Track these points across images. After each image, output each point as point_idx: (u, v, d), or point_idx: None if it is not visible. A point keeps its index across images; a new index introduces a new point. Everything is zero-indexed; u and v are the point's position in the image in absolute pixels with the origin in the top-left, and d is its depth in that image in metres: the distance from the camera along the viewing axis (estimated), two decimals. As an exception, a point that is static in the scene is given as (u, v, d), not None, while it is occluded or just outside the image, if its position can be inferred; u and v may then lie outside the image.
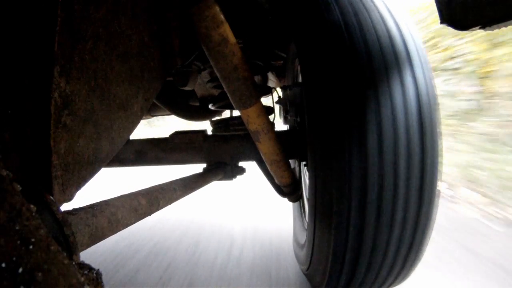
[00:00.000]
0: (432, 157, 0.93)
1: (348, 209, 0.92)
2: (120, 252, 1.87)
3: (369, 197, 0.91)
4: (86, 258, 0.61)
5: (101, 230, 0.62)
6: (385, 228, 0.94)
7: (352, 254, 0.98)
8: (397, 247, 0.99)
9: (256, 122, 1.14)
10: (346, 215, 0.93)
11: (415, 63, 0.95)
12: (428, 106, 0.93)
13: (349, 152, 0.89)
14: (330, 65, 0.94)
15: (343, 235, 0.95)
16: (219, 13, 0.95)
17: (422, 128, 0.91)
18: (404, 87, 0.91)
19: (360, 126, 0.89)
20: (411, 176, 0.91)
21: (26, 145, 0.52)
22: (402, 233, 0.97)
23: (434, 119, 0.93)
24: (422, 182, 0.92)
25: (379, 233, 0.95)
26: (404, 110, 0.91)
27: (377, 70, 0.91)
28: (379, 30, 0.96)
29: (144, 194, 0.87)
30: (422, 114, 0.92)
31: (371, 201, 0.91)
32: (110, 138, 0.70)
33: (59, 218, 0.47)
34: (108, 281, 1.57)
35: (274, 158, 1.26)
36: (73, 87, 0.57)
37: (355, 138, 0.89)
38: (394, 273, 1.09)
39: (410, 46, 0.96)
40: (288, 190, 1.48)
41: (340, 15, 0.97)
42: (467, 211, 2.56)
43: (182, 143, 1.50)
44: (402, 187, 0.91)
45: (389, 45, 0.94)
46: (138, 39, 0.79)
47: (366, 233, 0.94)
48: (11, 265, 0.26)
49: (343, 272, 1.03)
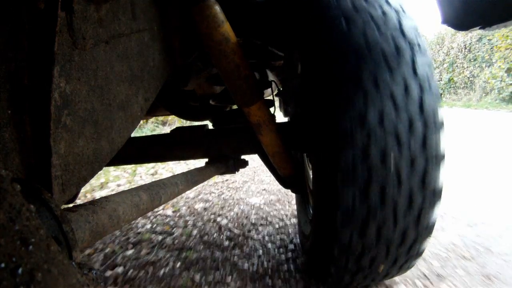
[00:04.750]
0: (435, 149, 0.93)
1: (353, 199, 0.92)
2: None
3: (373, 187, 0.91)
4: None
5: (102, 226, 0.62)
6: (390, 219, 0.95)
7: (356, 245, 0.98)
8: (401, 237, 1.00)
9: (257, 114, 1.15)
10: (350, 205, 0.93)
11: (416, 53, 0.95)
12: (429, 95, 0.93)
13: (352, 142, 0.89)
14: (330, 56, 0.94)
15: (348, 226, 0.95)
16: (220, 13, 0.95)
17: (424, 116, 0.91)
18: (404, 76, 0.92)
19: (361, 117, 0.89)
20: (415, 166, 0.91)
21: (26, 145, 0.52)
22: (406, 224, 0.97)
23: (436, 110, 0.93)
24: (425, 173, 0.92)
25: (384, 223, 0.95)
26: (405, 99, 0.91)
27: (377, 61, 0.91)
28: (379, 20, 0.96)
29: (145, 189, 0.87)
30: (423, 104, 0.92)
31: (375, 191, 0.91)
32: (110, 138, 0.70)
33: (57, 214, 0.47)
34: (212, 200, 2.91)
35: (276, 150, 1.27)
36: (73, 87, 0.57)
37: (357, 128, 0.89)
38: (398, 264, 1.10)
39: (410, 38, 0.96)
40: (291, 181, 1.50)
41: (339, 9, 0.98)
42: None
43: (183, 139, 1.50)
44: (405, 178, 0.91)
45: (389, 36, 0.94)
46: (138, 39, 0.79)
47: (371, 224, 0.94)
48: (11, 265, 0.26)
49: (348, 263, 1.04)
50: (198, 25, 0.95)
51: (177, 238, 2.03)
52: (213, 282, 1.48)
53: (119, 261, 1.75)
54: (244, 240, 1.93)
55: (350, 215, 0.94)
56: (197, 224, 2.26)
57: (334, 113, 0.91)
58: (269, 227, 2.12)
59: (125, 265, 1.70)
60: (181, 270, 1.61)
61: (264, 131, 1.20)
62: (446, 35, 14.68)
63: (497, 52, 10.57)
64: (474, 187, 2.70)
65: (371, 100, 0.89)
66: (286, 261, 1.62)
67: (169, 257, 1.76)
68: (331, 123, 0.92)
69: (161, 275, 1.56)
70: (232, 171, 1.72)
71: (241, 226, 2.17)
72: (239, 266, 1.60)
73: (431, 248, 1.67)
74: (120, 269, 1.65)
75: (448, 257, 1.58)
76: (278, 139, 1.24)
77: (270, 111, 1.19)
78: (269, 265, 1.60)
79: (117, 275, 1.60)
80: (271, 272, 1.52)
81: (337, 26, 0.94)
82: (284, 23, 1.35)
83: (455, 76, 13.33)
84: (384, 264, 1.06)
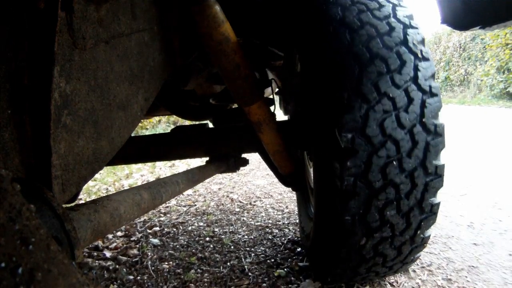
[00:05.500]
0: (435, 148, 0.93)
1: (354, 198, 0.92)
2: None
3: (375, 186, 0.91)
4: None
5: (104, 225, 0.63)
6: (393, 220, 0.95)
7: (358, 244, 0.98)
8: (403, 239, 1.00)
9: (258, 113, 1.15)
10: (352, 204, 0.93)
11: (416, 51, 0.95)
12: (429, 96, 0.92)
13: (352, 141, 0.89)
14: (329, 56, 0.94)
15: (350, 225, 0.95)
16: (220, 12, 0.95)
17: (423, 113, 0.91)
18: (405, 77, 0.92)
19: (363, 116, 0.89)
20: (415, 163, 0.91)
21: (26, 145, 0.52)
22: (408, 224, 0.97)
23: (437, 111, 0.93)
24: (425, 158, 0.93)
25: (386, 224, 0.95)
26: (406, 99, 0.91)
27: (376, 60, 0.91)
28: (379, 20, 0.97)
29: (146, 188, 0.87)
30: (424, 102, 0.92)
31: (377, 190, 0.91)
32: (110, 138, 0.70)
33: (59, 213, 0.47)
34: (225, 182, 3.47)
35: (276, 148, 1.28)
36: (73, 87, 0.57)
37: (358, 127, 0.89)
38: (399, 264, 1.10)
39: (410, 36, 0.96)
40: (291, 179, 1.50)
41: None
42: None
43: (183, 138, 1.50)
44: (406, 180, 0.92)
45: (389, 35, 0.95)
46: (138, 39, 0.79)
47: (373, 223, 0.94)
48: (11, 264, 0.26)
49: (350, 263, 1.04)
50: (198, 25, 0.95)
51: (199, 208, 2.64)
52: (228, 232, 2.07)
53: (155, 223, 2.30)
54: (251, 207, 2.56)
55: (352, 212, 0.94)
56: (214, 199, 2.89)
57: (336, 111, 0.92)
58: (270, 199, 2.75)
59: (161, 225, 2.27)
60: (204, 226, 2.21)
61: (265, 129, 1.20)
62: (443, 34, 14.74)
63: (489, 51, 10.63)
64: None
65: (372, 108, 0.89)
66: (282, 219, 2.24)
67: (194, 220, 2.36)
68: (332, 121, 0.92)
69: (189, 230, 2.15)
70: (233, 169, 1.72)
71: (248, 199, 2.82)
72: (247, 222, 2.22)
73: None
74: (157, 228, 2.20)
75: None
76: (279, 137, 1.24)
77: (270, 109, 1.20)
78: (269, 221, 2.20)
79: (156, 232, 2.14)
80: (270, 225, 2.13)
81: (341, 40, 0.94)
82: (284, 23, 1.35)
83: (451, 74, 13.41)
84: (385, 263, 1.07)
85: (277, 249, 1.74)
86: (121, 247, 1.90)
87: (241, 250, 1.76)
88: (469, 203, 2.26)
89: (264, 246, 1.79)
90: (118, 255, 1.76)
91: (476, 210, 2.13)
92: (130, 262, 1.69)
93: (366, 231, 0.96)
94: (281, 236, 1.93)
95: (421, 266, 1.48)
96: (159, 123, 8.40)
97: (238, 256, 1.68)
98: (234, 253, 1.74)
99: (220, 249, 1.79)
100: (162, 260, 1.69)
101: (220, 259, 1.67)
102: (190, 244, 1.90)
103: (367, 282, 1.34)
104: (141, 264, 1.66)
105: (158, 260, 1.68)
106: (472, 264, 1.48)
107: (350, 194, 0.92)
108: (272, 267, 1.55)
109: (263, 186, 3.18)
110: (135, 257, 1.74)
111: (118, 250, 1.87)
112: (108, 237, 2.08)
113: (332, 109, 0.92)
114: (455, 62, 13.38)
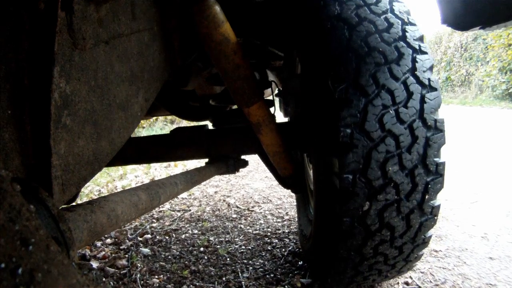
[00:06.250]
0: (436, 144, 0.92)
1: (354, 199, 0.92)
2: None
3: (374, 186, 0.91)
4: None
5: (100, 226, 0.62)
6: (393, 221, 0.94)
7: (358, 246, 0.98)
8: (403, 240, 1.00)
9: (257, 114, 1.15)
10: (351, 205, 0.92)
11: (415, 50, 0.95)
12: (429, 91, 0.92)
13: (351, 141, 0.89)
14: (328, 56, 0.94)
15: (350, 226, 0.95)
16: (220, 13, 0.95)
17: (423, 108, 0.91)
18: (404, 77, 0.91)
19: (362, 111, 0.89)
20: (415, 162, 0.91)
21: (26, 145, 0.52)
22: (408, 224, 0.96)
23: (436, 106, 0.93)
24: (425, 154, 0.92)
25: (387, 226, 0.95)
26: (405, 93, 0.90)
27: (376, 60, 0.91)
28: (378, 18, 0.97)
29: (144, 189, 0.87)
30: (423, 97, 0.91)
31: (377, 191, 0.91)
32: (110, 138, 0.70)
33: (54, 213, 0.46)
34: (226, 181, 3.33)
35: (276, 149, 1.27)
36: (73, 87, 0.57)
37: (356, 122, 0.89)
38: (398, 266, 1.10)
39: (409, 35, 0.96)
40: (291, 181, 1.50)
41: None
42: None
43: (183, 139, 1.50)
44: (406, 180, 0.91)
45: (388, 33, 0.95)
46: (138, 39, 0.79)
47: (372, 224, 0.94)
48: (11, 265, 0.26)
49: (349, 265, 1.04)
50: (198, 25, 0.95)
51: (194, 213, 2.48)
52: (224, 241, 1.93)
53: (147, 230, 2.17)
54: (249, 213, 2.40)
55: (352, 215, 0.93)
56: (209, 203, 2.73)
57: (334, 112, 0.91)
58: (269, 204, 2.57)
59: (153, 233, 2.13)
60: (199, 234, 2.06)
61: (264, 131, 1.20)
62: (444, 34, 14.74)
63: (491, 51, 10.63)
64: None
65: (370, 103, 0.89)
66: (281, 227, 2.09)
67: (188, 226, 2.20)
68: (331, 122, 0.92)
69: (182, 238, 2.01)
70: (232, 171, 1.72)
71: (246, 204, 2.64)
72: (245, 230, 2.07)
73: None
74: (148, 236, 2.06)
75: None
76: (278, 139, 1.24)
77: (270, 111, 1.19)
78: (268, 230, 2.06)
79: (147, 239, 2.01)
80: (270, 234, 1.99)
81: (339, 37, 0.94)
82: (284, 23, 1.35)
83: (452, 74, 13.40)
84: (386, 264, 1.06)
85: (277, 262, 1.62)
86: (109, 256, 1.80)
87: (237, 263, 1.65)
88: (481, 211, 2.13)
89: (262, 259, 1.68)
90: (105, 266, 1.65)
91: (489, 219, 1.99)
92: (117, 274, 1.59)
93: (364, 231, 0.96)
94: (281, 247, 1.80)
95: (435, 284, 1.36)
96: (156, 122, 8.42)
97: (235, 270, 1.58)
98: (230, 266, 1.63)
99: (215, 261, 1.68)
100: (152, 273, 1.59)
101: (215, 273, 1.56)
102: (183, 254, 1.78)
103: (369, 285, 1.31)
104: (130, 277, 1.55)
105: (147, 273, 1.58)
106: (489, 281, 1.37)
107: (349, 191, 0.91)
108: (272, 283, 1.44)
109: (262, 189, 3.03)
110: (124, 269, 1.64)
111: (106, 260, 1.76)
112: (97, 244, 1.97)
113: (330, 104, 0.91)
114: (456, 62, 13.38)
